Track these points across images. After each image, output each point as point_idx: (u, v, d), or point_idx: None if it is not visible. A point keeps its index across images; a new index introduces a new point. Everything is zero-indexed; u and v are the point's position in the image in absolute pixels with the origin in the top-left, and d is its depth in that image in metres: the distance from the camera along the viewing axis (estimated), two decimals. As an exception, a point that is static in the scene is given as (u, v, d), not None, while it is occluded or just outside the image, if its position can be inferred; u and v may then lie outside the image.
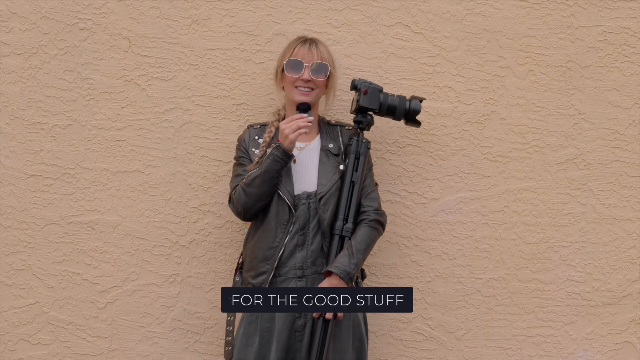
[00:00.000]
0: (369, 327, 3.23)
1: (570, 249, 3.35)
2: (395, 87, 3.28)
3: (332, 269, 2.86)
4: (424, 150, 3.31)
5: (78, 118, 3.26)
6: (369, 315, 3.20)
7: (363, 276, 3.05)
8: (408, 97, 3.07)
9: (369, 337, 3.27)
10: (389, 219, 3.28)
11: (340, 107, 3.26)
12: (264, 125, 3.06)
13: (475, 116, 3.33)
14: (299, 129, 2.85)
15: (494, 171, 3.33)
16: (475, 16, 3.32)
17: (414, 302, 3.31)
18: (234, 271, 3.11)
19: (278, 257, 2.91)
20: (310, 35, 3.21)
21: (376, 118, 3.08)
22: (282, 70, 3.00)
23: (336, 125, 3.09)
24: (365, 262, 3.26)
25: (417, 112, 3.05)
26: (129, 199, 3.27)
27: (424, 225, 3.32)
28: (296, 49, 2.99)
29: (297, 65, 2.96)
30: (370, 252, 3.27)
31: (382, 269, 3.31)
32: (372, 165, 3.07)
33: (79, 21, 3.25)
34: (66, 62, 3.25)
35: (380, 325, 3.31)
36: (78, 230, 3.27)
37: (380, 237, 3.14)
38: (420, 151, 3.31)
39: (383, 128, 3.29)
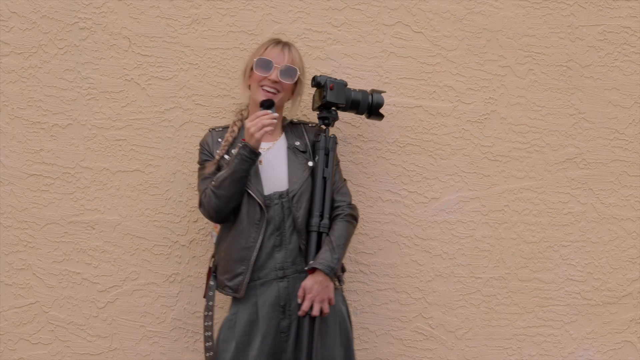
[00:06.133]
0: (368, 327, 3.23)
1: (570, 248, 3.35)
2: (395, 86, 3.28)
3: (316, 266, 2.85)
4: (424, 149, 3.31)
5: (78, 117, 3.26)
6: (369, 315, 3.21)
7: (343, 270, 3.03)
8: (369, 90, 3.08)
9: (369, 337, 3.27)
10: (389, 218, 3.28)
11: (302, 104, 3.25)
12: (225, 128, 3.05)
13: (475, 115, 3.33)
14: (265, 126, 2.83)
15: (494, 170, 3.33)
16: (476, 15, 3.32)
17: (414, 301, 3.32)
18: (206, 276, 3.09)
19: (254, 258, 2.89)
20: (312, 35, 3.22)
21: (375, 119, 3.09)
22: (252, 68, 2.98)
23: (299, 124, 3.09)
24: (364, 262, 3.27)
25: (380, 105, 3.07)
26: (129, 198, 3.27)
27: (424, 224, 3.32)
28: (268, 49, 2.98)
29: (266, 65, 2.95)
30: (369, 252, 3.28)
31: (382, 268, 3.31)
32: (339, 161, 3.07)
33: (79, 20, 3.25)
34: (66, 61, 3.25)
35: (381, 325, 3.31)
36: (78, 229, 3.27)
37: (379, 236, 3.14)
38: (420, 150, 3.31)
39: (383, 128, 3.29)
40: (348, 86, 3.05)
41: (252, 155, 2.85)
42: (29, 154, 3.25)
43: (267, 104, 2.90)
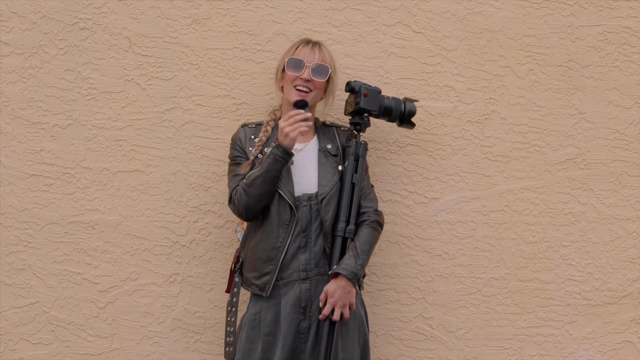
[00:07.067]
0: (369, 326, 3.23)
1: (570, 249, 3.35)
2: (395, 86, 3.28)
3: (339, 271, 2.86)
4: (424, 149, 3.31)
5: (78, 118, 3.26)
6: (369, 315, 3.21)
7: (364, 275, 3.05)
8: (401, 98, 3.08)
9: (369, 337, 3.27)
10: (390, 218, 3.28)
11: (335, 106, 3.26)
12: (258, 125, 3.05)
13: (475, 116, 3.33)
14: (300, 126, 2.84)
15: (494, 170, 3.33)
16: (476, 16, 3.32)
17: (414, 301, 3.32)
18: (229, 271, 3.10)
19: (281, 258, 2.91)
20: (312, 35, 3.22)
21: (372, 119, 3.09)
22: (283, 69, 2.99)
23: (331, 126, 3.10)
24: (365, 262, 3.27)
25: (413, 113, 3.07)
26: (130, 198, 3.27)
27: (425, 224, 3.32)
28: (299, 48, 2.99)
29: (298, 64, 2.96)
30: (371, 252, 3.28)
31: (383, 268, 3.31)
32: (367, 167, 3.07)
33: (79, 21, 3.25)
34: (66, 61, 3.25)
35: (381, 325, 3.31)
36: (78, 229, 3.27)
37: (380, 236, 3.13)
38: (420, 151, 3.31)
39: (383, 128, 3.29)
40: (382, 93, 3.06)
41: (285, 155, 2.85)
42: (29, 154, 3.25)
43: (300, 104, 2.90)
